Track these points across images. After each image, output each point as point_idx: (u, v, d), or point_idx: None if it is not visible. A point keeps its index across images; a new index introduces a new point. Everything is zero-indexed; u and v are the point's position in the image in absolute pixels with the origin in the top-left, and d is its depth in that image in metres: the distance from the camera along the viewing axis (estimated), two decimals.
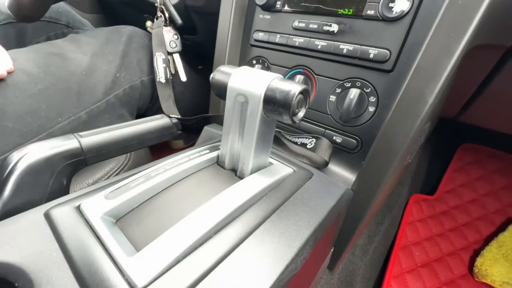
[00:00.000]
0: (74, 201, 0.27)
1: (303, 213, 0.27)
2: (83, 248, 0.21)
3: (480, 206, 0.84)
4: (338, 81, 0.39)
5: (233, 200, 0.26)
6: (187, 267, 0.20)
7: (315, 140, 0.40)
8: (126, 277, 0.19)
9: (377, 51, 0.35)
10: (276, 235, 0.24)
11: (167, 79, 0.61)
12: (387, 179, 0.35)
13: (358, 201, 0.36)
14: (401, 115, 0.32)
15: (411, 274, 0.69)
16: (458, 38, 0.27)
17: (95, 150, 0.34)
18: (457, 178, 0.91)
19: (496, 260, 0.68)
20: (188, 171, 0.31)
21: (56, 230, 0.23)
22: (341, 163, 0.41)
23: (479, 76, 0.41)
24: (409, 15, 0.32)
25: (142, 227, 0.24)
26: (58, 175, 0.31)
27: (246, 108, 0.28)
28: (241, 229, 0.24)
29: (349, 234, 0.39)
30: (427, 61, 0.30)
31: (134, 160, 0.52)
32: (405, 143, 0.32)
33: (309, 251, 0.25)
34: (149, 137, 0.39)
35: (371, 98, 0.37)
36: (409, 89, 0.31)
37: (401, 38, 0.33)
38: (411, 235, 0.78)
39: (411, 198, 0.87)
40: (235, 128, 0.30)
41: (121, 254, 0.20)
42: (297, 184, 0.32)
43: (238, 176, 0.32)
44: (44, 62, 0.46)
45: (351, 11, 0.36)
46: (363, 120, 0.38)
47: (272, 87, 0.26)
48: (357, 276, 0.62)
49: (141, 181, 0.28)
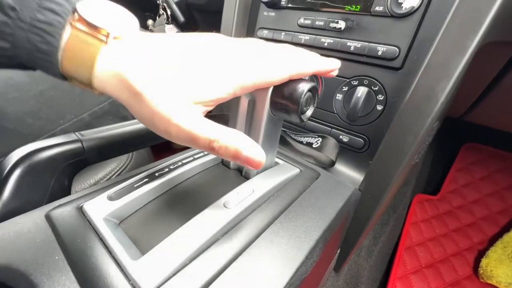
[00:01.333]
0: (76, 202, 0.26)
1: (312, 214, 0.27)
2: (86, 251, 0.21)
3: (484, 206, 0.83)
4: (345, 79, 0.39)
5: (240, 201, 0.25)
6: (195, 271, 0.19)
7: (321, 139, 0.39)
8: (131, 282, 0.18)
9: (385, 48, 0.34)
10: (285, 237, 0.24)
11: None
12: (395, 179, 0.34)
13: (365, 201, 0.36)
14: (410, 114, 0.31)
15: (415, 275, 0.69)
16: (472, 34, 0.27)
17: (97, 149, 0.33)
18: (460, 178, 0.91)
19: (501, 261, 0.68)
20: (192, 171, 0.31)
21: (57, 232, 0.23)
22: (348, 162, 0.40)
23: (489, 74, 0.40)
24: (419, 11, 0.31)
25: (146, 229, 0.23)
26: (59, 175, 0.30)
27: (253, 107, 0.28)
28: (249, 231, 0.23)
29: (356, 235, 0.38)
30: (438, 58, 0.29)
31: (136, 160, 0.51)
32: (415, 142, 0.32)
33: (318, 253, 0.25)
34: (152, 136, 0.38)
35: (379, 97, 0.36)
36: (419, 87, 0.31)
37: (411, 34, 0.32)
38: (415, 235, 0.78)
39: (414, 198, 0.86)
40: (241, 127, 0.30)
41: (126, 257, 0.20)
42: (304, 185, 0.31)
43: (243, 176, 0.31)
44: None
45: (358, 8, 0.36)
46: (370, 119, 0.37)
47: (279, 84, 0.25)
48: (362, 277, 0.62)
49: (145, 181, 0.27)
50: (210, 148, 0.20)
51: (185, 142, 0.21)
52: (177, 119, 0.19)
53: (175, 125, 0.19)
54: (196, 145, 0.20)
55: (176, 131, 0.20)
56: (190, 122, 0.19)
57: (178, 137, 0.20)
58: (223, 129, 0.20)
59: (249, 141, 0.20)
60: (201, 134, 0.20)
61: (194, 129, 0.19)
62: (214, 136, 0.20)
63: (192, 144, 0.20)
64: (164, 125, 0.19)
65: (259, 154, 0.20)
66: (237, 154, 0.20)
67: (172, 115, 0.19)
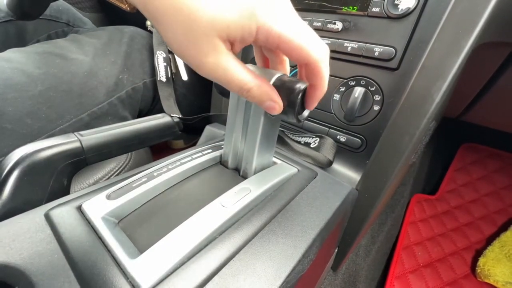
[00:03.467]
0: (75, 201, 0.26)
1: (309, 213, 0.27)
2: (85, 250, 0.21)
3: (482, 206, 0.84)
4: (342, 79, 0.39)
5: (237, 201, 0.25)
6: (193, 269, 0.19)
7: (318, 139, 0.39)
8: (130, 280, 0.19)
9: (382, 49, 0.34)
10: (282, 236, 0.24)
11: (168, 78, 0.60)
12: (392, 179, 0.34)
13: (362, 201, 0.36)
14: (407, 114, 0.32)
15: (413, 274, 0.69)
16: (466, 35, 0.27)
17: (96, 149, 0.33)
18: (459, 178, 0.91)
19: (498, 260, 0.68)
20: (191, 170, 0.31)
21: (57, 231, 0.23)
22: (346, 162, 0.40)
23: (485, 75, 0.41)
24: (415, 12, 0.32)
25: (145, 228, 0.24)
26: (58, 175, 0.30)
27: (250, 107, 0.28)
28: (246, 230, 0.24)
29: (353, 234, 0.38)
30: (434, 59, 0.29)
31: (135, 160, 0.51)
32: (411, 142, 0.32)
33: (315, 252, 0.25)
34: (150, 136, 0.39)
35: (376, 97, 0.36)
36: (415, 88, 0.31)
37: (407, 35, 0.33)
38: (413, 235, 0.78)
39: (412, 198, 0.87)
40: (239, 127, 0.30)
41: (124, 256, 0.20)
42: (302, 184, 0.31)
43: (241, 176, 0.31)
44: (45, 62, 0.46)
45: (355, 9, 0.36)
46: (367, 119, 0.37)
47: (276, 85, 0.26)
48: (360, 276, 0.62)
49: (143, 180, 0.27)
50: (239, 92, 0.21)
51: (215, 80, 0.20)
52: (214, 56, 0.19)
53: (211, 63, 0.19)
54: (227, 86, 0.21)
55: (210, 69, 0.19)
56: (226, 61, 0.19)
57: (209, 74, 0.20)
58: (256, 77, 0.21)
59: (274, 95, 0.23)
60: (236, 78, 0.20)
61: (230, 70, 0.19)
62: (249, 84, 0.20)
63: (222, 83, 0.21)
64: (196, 60, 0.19)
65: (278, 107, 0.23)
66: (260, 103, 0.22)
67: (208, 51, 0.18)
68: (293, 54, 0.21)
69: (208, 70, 0.20)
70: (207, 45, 0.19)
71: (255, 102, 0.23)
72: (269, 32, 0.20)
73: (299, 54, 0.21)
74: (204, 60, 0.19)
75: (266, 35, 0.20)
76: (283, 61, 0.27)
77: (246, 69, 0.21)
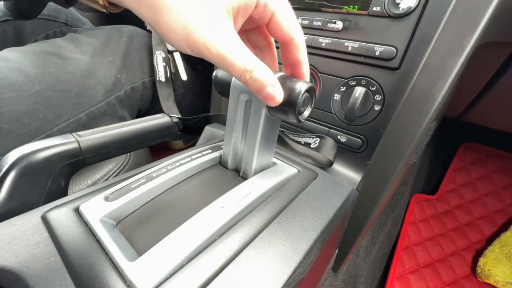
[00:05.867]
0: (73, 203, 0.26)
1: (310, 214, 0.27)
2: (82, 252, 0.20)
3: (482, 205, 0.84)
4: (343, 79, 0.39)
5: (237, 202, 0.25)
6: (192, 272, 0.19)
7: (319, 139, 0.39)
8: (128, 283, 0.18)
9: (383, 48, 0.34)
10: (282, 237, 0.24)
11: (167, 78, 0.60)
12: (393, 179, 0.34)
13: (363, 201, 0.36)
14: (408, 114, 0.32)
15: (414, 275, 0.69)
16: (468, 34, 0.27)
17: (94, 150, 0.33)
18: (458, 177, 0.91)
19: (499, 260, 0.68)
20: (190, 171, 0.30)
21: (54, 233, 0.22)
22: (346, 163, 0.40)
23: (486, 74, 0.40)
24: (416, 11, 0.32)
25: (143, 230, 0.23)
26: (56, 176, 0.30)
27: (250, 107, 0.28)
28: (246, 232, 0.23)
29: (354, 235, 0.38)
30: (435, 58, 0.29)
31: (134, 161, 0.51)
32: (412, 142, 0.32)
33: (316, 253, 0.24)
34: (150, 136, 0.39)
35: (377, 97, 0.36)
36: (416, 87, 0.31)
37: (408, 35, 0.32)
38: (413, 235, 0.78)
39: (412, 198, 0.87)
40: (238, 127, 0.30)
41: (123, 259, 0.19)
42: (302, 185, 0.31)
43: (241, 177, 0.31)
44: (42, 62, 0.45)
45: (356, 8, 0.36)
46: (368, 119, 0.37)
47: None
48: (360, 277, 0.62)
49: (142, 182, 0.27)
50: (242, 73, 0.20)
51: (218, 59, 0.20)
52: (214, 39, 0.18)
53: (212, 46, 0.18)
54: (228, 69, 0.20)
55: (211, 53, 0.19)
56: (228, 43, 0.19)
57: (210, 58, 0.19)
58: (257, 60, 0.21)
59: (275, 81, 0.22)
60: (238, 61, 0.19)
61: (231, 53, 0.19)
62: (251, 66, 0.20)
63: (225, 63, 0.20)
64: (197, 46, 0.19)
65: (278, 96, 0.22)
66: (261, 89, 0.21)
67: (216, 26, 0.18)
68: (286, 24, 0.22)
69: (214, 47, 0.19)
70: (215, 19, 0.18)
71: (255, 88, 0.21)
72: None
73: (291, 24, 0.22)
74: (211, 34, 0.19)
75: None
76: (270, 44, 0.27)
77: (249, 50, 0.21)
